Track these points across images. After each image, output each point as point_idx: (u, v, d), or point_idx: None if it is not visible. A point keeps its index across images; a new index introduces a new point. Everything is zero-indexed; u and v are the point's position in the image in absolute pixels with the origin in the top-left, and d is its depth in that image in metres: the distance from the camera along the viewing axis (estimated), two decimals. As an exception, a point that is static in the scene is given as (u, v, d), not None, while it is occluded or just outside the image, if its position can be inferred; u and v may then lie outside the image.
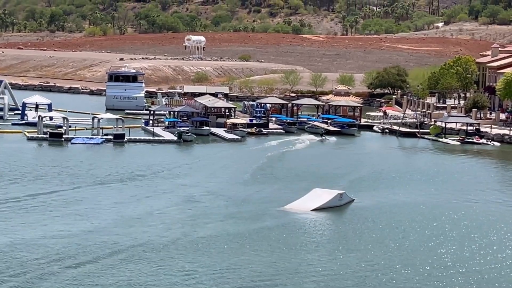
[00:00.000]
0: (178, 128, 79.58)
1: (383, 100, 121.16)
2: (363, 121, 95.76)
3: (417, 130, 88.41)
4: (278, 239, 39.14)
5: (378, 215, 45.54)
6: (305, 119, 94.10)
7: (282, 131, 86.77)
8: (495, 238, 41.29)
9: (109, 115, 78.73)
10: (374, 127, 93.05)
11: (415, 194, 52.90)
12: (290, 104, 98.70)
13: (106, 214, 42.83)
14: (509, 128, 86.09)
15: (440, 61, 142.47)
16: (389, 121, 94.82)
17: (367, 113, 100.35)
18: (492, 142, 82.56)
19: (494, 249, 38.96)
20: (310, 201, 47.02)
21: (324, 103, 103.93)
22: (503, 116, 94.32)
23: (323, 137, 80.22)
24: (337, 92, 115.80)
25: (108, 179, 53.34)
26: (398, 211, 46.90)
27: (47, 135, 71.66)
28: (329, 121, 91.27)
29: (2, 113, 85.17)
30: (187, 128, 79.73)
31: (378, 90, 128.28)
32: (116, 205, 45.24)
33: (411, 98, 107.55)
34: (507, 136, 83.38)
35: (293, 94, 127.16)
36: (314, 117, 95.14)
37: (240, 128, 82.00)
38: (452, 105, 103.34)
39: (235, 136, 78.84)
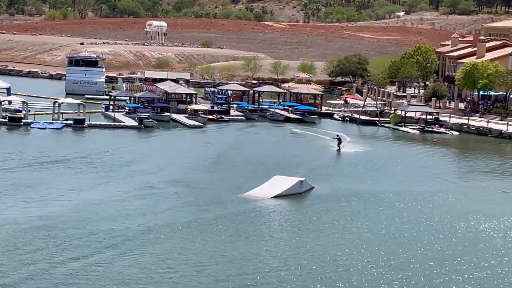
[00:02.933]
0: (139, 114, 79.28)
1: (344, 89, 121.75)
2: (324, 109, 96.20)
3: (377, 118, 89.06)
4: (238, 225, 39.27)
5: (336, 203, 45.91)
6: (267, 106, 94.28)
7: (243, 118, 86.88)
8: (437, 220, 42.10)
9: (70, 100, 78.14)
10: (335, 115, 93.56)
11: (373, 182, 53.34)
12: (251, 91, 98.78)
13: (61, 200, 42.43)
14: (467, 117, 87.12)
15: (401, 50, 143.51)
16: (350, 109, 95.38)
17: (328, 101, 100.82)
18: (451, 131, 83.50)
19: (435, 229, 39.76)
20: (270, 188, 47.22)
21: (285, 90, 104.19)
22: (462, 105, 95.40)
23: (338, 147, 66.46)
24: (299, 80, 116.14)
25: (65, 164, 52.95)
26: (355, 198, 47.30)
27: (6, 120, 70.93)
28: (290, 108, 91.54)
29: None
30: (148, 114, 79.46)
31: (339, 79, 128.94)
32: (72, 191, 44.83)
33: (371, 86, 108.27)
34: (465, 126, 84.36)
35: (254, 81, 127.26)
36: (275, 105, 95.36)
37: (201, 115, 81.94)
38: (412, 94, 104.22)
39: (196, 123, 78.78)
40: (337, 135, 67.92)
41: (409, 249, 36.73)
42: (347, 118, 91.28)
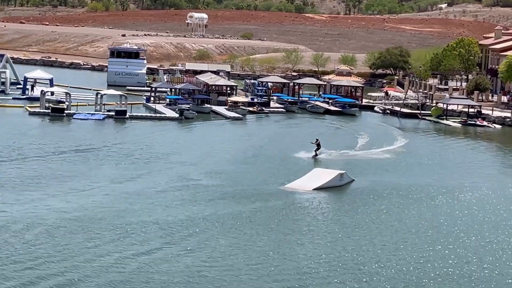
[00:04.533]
0: (180, 105, 79.65)
1: (385, 81, 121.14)
2: (365, 101, 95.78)
3: (419, 111, 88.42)
4: (277, 218, 39.28)
5: (376, 196, 45.69)
6: (307, 98, 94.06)
7: (283, 110, 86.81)
8: (488, 219, 41.55)
9: (112, 91, 78.74)
10: (375, 108, 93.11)
11: (414, 175, 53.02)
12: (291, 84, 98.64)
13: (101, 190, 42.74)
14: (510, 111, 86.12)
15: (443, 43, 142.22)
16: (391, 102, 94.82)
17: (369, 93, 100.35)
18: (493, 125, 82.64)
19: (485, 228, 39.27)
20: (310, 180, 47.16)
21: (325, 83, 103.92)
22: (504, 98, 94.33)
23: (315, 153, 57.60)
24: (339, 72, 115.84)
25: (107, 155, 53.39)
26: (395, 192, 47.05)
27: (49, 111, 71.68)
28: (330, 101, 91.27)
29: (4, 87, 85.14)
30: (188, 106, 79.78)
31: (380, 71, 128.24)
32: (113, 181, 45.11)
33: (413, 79, 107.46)
34: (508, 119, 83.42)
35: (294, 74, 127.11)
36: (315, 97, 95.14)
37: (241, 107, 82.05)
38: (454, 87, 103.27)
39: (236, 115, 78.91)
40: (317, 139, 58.19)
41: (446, 245, 36.38)
42: (388, 111, 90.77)
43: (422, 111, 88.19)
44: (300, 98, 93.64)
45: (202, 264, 31.07)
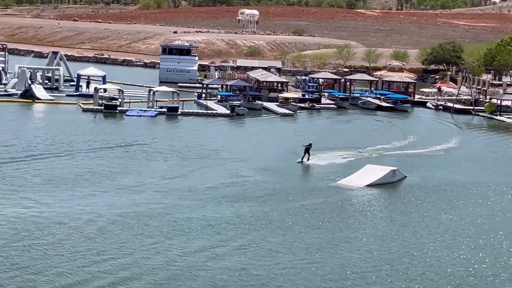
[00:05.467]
0: (231, 102, 79.88)
1: (437, 77, 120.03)
2: (417, 97, 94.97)
3: (472, 107, 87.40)
4: (328, 215, 39.15)
5: (428, 193, 45.29)
6: (358, 95, 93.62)
7: (335, 106, 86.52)
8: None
9: (165, 88, 79.28)
10: (428, 104, 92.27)
11: (466, 172, 52.44)
12: (343, 80, 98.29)
13: (153, 187, 43.00)
14: None
15: (497, 38, 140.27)
16: (443, 98, 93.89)
17: (421, 89, 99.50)
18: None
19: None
20: (362, 177, 46.93)
21: (377, 79, 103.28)
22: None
23: (301, 159, 52.77)
24: (391, 68, 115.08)
25: (158, 152, 53.72)
26: (447, 189, 46.57)
27: (102, 107, 72.42)
28: (382, 97, 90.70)
29: (58, 84, 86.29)
30: (240, 102, 79.97)
31: (432, 67, 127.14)
32: (164, 178, 45.36)
33: (466, 75, 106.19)
34: None
35: (346, 70, 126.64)
36: (367, 93, 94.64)
37: (292, 103, 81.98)
38: (508, 83, 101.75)
39: (287, 111, 78.86)
40: (310, 143, 53.30)
41: (499, 246, 35.87)
42: (441, 107, 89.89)
43: (476, 107, 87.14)
44: (351, 94, 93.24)
45: (249, 262, 31.03)
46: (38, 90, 79.20)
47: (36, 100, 76.56)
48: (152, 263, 30.20)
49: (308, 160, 52.45)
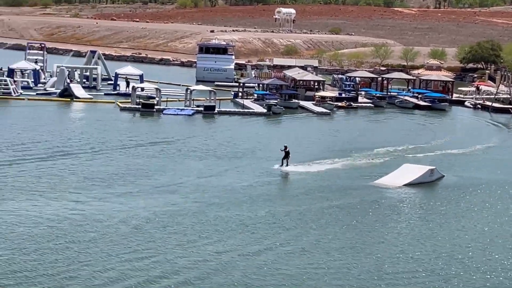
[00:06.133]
0: (267, 100, 79.85)
1: (475, 75, 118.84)
2: (455, 96, 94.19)
3: (511, 106, 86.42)
4: (364, 215, 38.94)
5: (466, 193, 44.89)
6: (395, 93, 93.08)
7: (372, 105, 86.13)
8: None
9: (201, 87, 79.51)
10: (466, 103, 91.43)
11: (506, 172, 51.84)
12: (380, 78, 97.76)
13: (189, 185, 43.11)
14: None
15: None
16: (482, 96, 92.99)
17: (459, 88, 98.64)
18: None
19: None
20: (400, 176, 46.64)
21: (415, 77, 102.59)
22: None
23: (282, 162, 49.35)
24: (429, 66, 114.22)
25: (195, 150, 53.83)
26: (486, 189, 46.09)
27: (140, 106, 72.81)
28: (419, 96, 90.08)
29: (96, 83, 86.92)
30: (276, 101, 79.91)
31: (470, 65, 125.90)
32: (200, 177, 45.39)
33: (505, 73, 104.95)
34: None
35: (383, 68, 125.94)
36: (404, 92, 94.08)
37: (328, 102, 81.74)
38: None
39: (324, 110, 78.64)
40: (285, 146, 49.57)
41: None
42: (479, 106, 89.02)
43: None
44: (388, 93, 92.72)
45: (282, 261, 30.92)
46: (77, 89, 79.86)
47: (74, 99, 77.22)
48: (186, 261, 30.24)
49: (287, 165, 48.75)
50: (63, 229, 33.33)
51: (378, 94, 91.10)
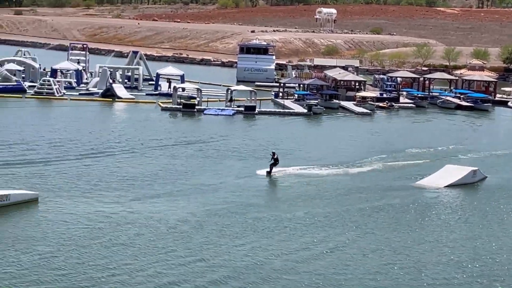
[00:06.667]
0: (308, 101, 79.65)
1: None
2: (498, 96, 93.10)
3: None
4: (404, 216, 38.56)
5: (511, 194, 44.24)
6: (437, 94, 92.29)
7: (413, 105, 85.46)
8: None
9: (242, 87, 79.57)
10: (509, 103, 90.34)
11: (551, 173, 51.10)
12: (421, 78, 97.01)
13: (229, 185, 43.09)
14: None
15: None
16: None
17: (502, 88, 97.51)
18: None
19: None
20: (442, 177, 46.13)
21: (457, 77, 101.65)
22: None
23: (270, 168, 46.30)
24: (471, 66, 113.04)
25: (235, 150, 53.82)
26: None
27: (181, 106, 73.07)
28: (461, 96, 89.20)
29: (137, 83, 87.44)
30: (317, 101, 79.67)
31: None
32: (238, 177, 45.32)
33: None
34: None
35: (425, 68, 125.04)
36: (446, 92, 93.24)
37: (369, 102, 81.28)
38: None
39: (365, 110, 78.22)
40: (273, 152, 47.16)
41: None
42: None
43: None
44: (430, 93, 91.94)
45: (318, 262, 30.73)
46: (119, 89, 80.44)
47: (116, 99, 77.77)
48: (221, 260, 30.14)
49: (270, 171, 45.81)
50: (102, 229, 33.47)
51: (419, 95, 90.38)
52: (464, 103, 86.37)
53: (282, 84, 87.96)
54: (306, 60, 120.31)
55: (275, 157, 46.02)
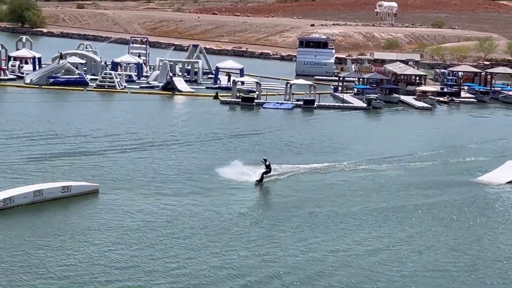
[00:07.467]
0: (367, 95, 79.12)
1: None
2: None
3: None
4: (462, 212, 38.00)
5: None
6: (499, 88, 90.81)
7: (474, 100, 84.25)
8: None
9: (301, 81, 79.39)
10: None
11: None
12: (483, 73, 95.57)
13: (285, 181, 42.99)
14: None
15: None
16: None
17: None
18: None
19: None
20: (504, 173, 45.34)
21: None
22: None
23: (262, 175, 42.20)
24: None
25: (293, 144, 53.72)
26: None
27: (240, 100, 73.26)
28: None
29: (197, 77, 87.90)
30: (376, 95, 79.08)
31: None
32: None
33: None
34: None
35: (487, 63, 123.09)
36: (509, 87, 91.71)
37: (429, 97, 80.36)
38: None
39: (425, 105, 77.37)
40: (265, 159, 43.11)
41: None
42: None
43: None
44: (492, 88, 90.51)
45: (371, 258, 30.56)
46: (179, 83, 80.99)
47: (176, 92, 78.31)
48: (275, 257, 30.10)
49: (260, 179, 41.92)
50: (158, 222, 33.74)
51: (481, 89, 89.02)
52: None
53: (341, 78, 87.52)
54: (366, 54, 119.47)
55: (267, 163, 42.27)
